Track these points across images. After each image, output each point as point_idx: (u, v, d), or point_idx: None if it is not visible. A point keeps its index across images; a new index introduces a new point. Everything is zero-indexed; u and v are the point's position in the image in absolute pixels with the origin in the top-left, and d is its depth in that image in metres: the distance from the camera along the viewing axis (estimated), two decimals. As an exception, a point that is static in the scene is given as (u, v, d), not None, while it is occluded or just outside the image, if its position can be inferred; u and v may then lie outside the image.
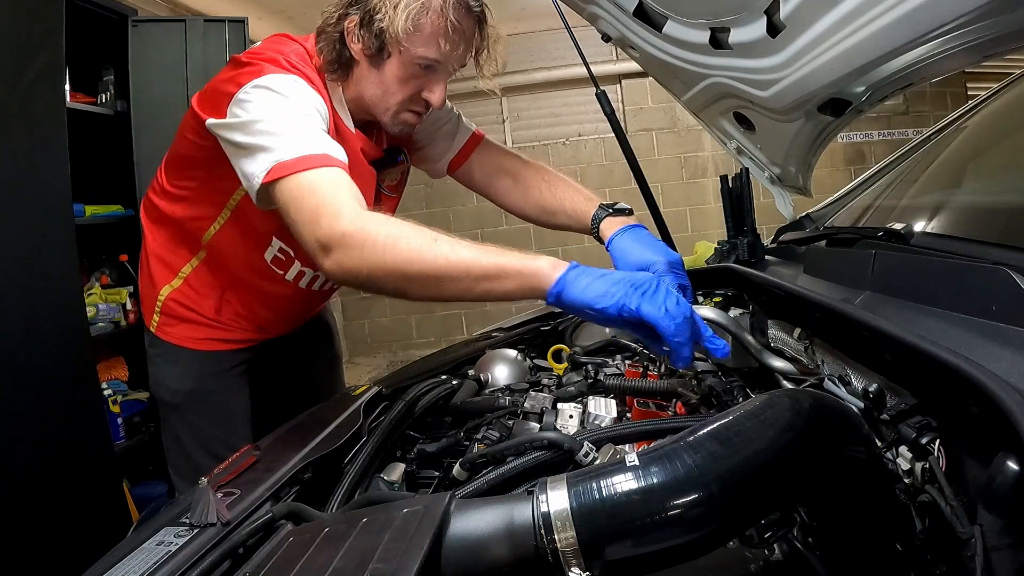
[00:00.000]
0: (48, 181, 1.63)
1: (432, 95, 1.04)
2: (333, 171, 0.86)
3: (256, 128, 0.88)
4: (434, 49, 0.97)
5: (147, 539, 0.59)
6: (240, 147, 0.90)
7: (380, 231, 0.80)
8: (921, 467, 0.54)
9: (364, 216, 0.82)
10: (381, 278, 0.81)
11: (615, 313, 0.74)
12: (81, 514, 1.64)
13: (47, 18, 1.61)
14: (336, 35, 1.00)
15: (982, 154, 1.15)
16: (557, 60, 4.92)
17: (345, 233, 0.81)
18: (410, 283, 0.81)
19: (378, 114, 1.06)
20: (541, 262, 0.79)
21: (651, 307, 0.73)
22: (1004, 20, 0.66)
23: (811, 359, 0.87)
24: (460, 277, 0.79)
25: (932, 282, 0.68)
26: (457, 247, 0.80)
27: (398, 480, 0.79)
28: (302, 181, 0.84)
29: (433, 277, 0.80)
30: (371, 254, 0.80)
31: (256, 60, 0.97)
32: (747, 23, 0.93)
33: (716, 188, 1.36)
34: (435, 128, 1.26)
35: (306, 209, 0.83)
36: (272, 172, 0.85)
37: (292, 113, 0.90)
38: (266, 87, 0.92)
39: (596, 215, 1.12)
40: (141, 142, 2.43)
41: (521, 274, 0.79)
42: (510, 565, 0.48)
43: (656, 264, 0.97)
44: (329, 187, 0.84)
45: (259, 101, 0.90)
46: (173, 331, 1.22)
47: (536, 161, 1.28)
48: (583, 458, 0.69)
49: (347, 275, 0.83)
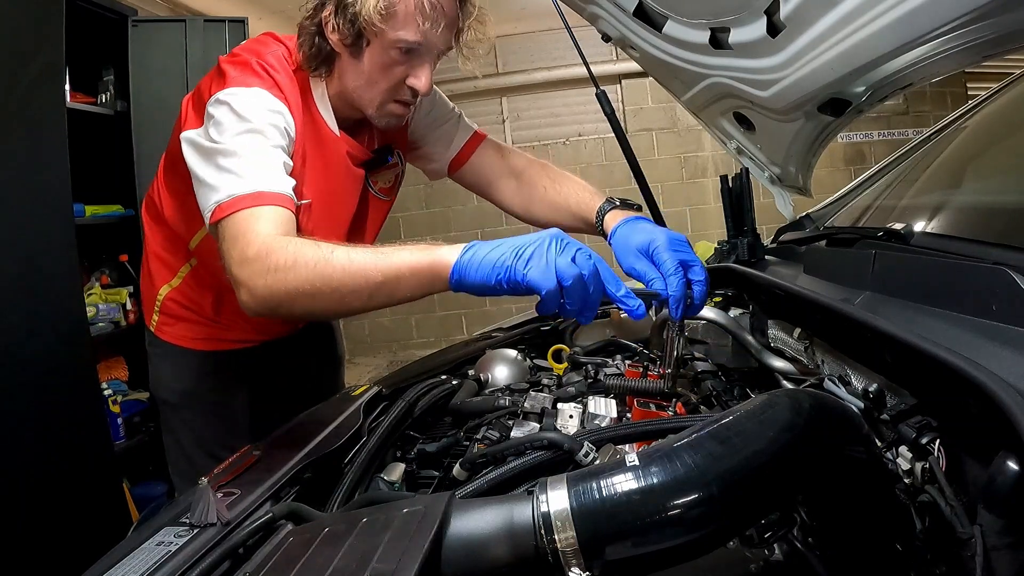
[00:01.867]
0: (48, 181, 1.63)
1: (417, 81, 0.99)
2: (260, 209, 0.85)
3: (210, 158, 0.89)
4: (412, 31, 0.93)
5: (147, 539, 0.59)
6: (196, 177, 0.91)
7: (280, 256, 0.79)
8: (921, 467, 0.54)
9: (268, 243, 0.81)
10: (289, 302, 0.80)
11: (507, 287, 0.71)
12: (81, 514, 1.64)
13: (47, 18, 1.61)
14: (314, 28, 0.98)
15: (982, 154, 1.15)
16: (557, 60, 4.92)
17: (250, 263, 0.80)
18: (314, 301, 0.79)
19: (363, 107, 1.03)
20: (438, 252, 0.76)
21: (536, 274, 0.70)
22: (1004, 20, 0.66)
23: (811, 359, 0.87)
24: (359, 287, 0.77)
25: (932, 282, 0.68)
26: (353, 254, 0.78)
27: (398, 480, 0.79)
28: (229, 222, 0.85)
29: (334, 290, 0.77)
30: (273, 279, 0.79)
31: (231, 64, 0.96)
32: (747, 23, 0.93)
33: (716, 188, 1.36)
34: (435, 127, 1.23)
35: (226, 247, 0.85)
36: (214, 214, 0.86)
37: (243, 143, 0.89)
38: (227, 104, 0.91)
39: (601, 208, 1.08)
40: (141, 142, 2.43)
41: (416, 271, 0.76)
42: (510, 565, 0.48)
43: (655, 242, 0.90)
44: (250, 223, 0.84)
45: (217, 123, 0.90)
46: (172, 330, 1.22)
47: (540, 160, 1.25)
48: (583, 458, 0.69)
49: (260, 306, 0.81)
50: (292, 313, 0.82)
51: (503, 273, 0.72)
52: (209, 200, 0.88)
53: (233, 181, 0.87)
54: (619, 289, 0.75)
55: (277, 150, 0.92)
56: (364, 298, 0.77)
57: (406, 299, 0.79)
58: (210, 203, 0.87)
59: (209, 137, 0.90)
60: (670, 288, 0.84)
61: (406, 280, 0.76)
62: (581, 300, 0.71)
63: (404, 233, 5.12)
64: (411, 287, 0.77)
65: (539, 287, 0.70)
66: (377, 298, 0.78)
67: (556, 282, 0.70)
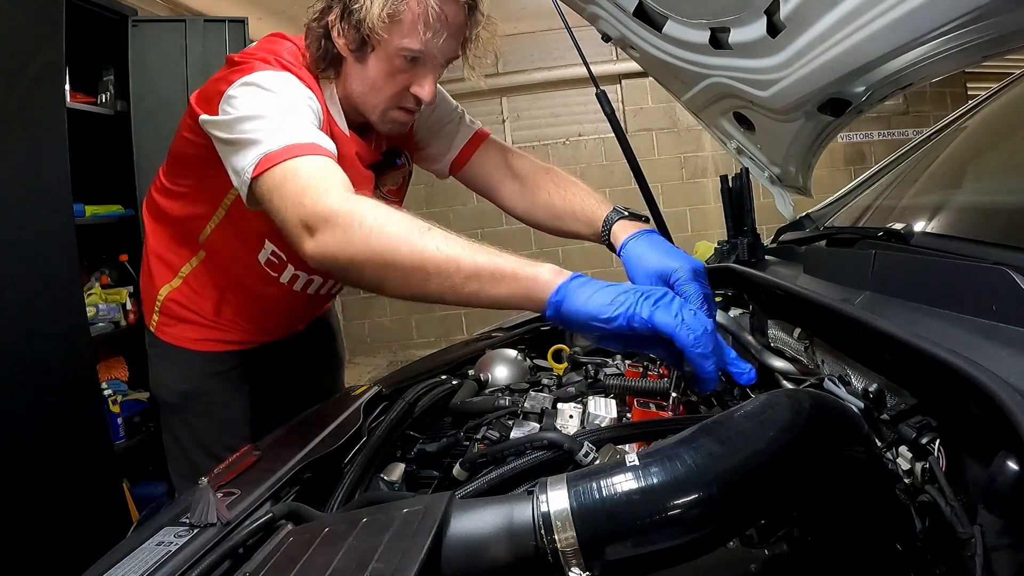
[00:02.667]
0: (48, 181, 1.63)
1: (421, 90, 0.99)
2: (320, 159, 0.83)
3: (242, 125, 0.86)
4: (416, 39, 0.93)
5: (147, 539, 0.59)
6: (228, 144, 0.88)
7: (368, 214, 0.75)
8: (921, 467, 0.54)
9: (353, 197, 0.78)
10: (363, 264, 0.75)
11: (624, 323, 0.66)
12: (81, 514, 1.64)
13: (47, 18, 1.61)
14: (321, 30, 0.98)
15: (982, 154, 1.15)
16: (557, 60, 4.92)
17: (331, 212, 0.76)
18: (393, 272, 0.74)
19: (367, 112, 1.03)
20: (541, 269, 0.72)
21: (665, 316, 0.66)
22: (1004, 20, 0.66)
23: (811, 359, 0.87)
24: (448, 272, 0.72)
25: (932, 282, 0.68)
26: (450, 240, 0.73)
27: (398, 480, 0.79)
28: (287, 168, 0.81)
29: (418, 268, 0.72)
30: (356, 236, 0.74)
31: (248, 59, 0.96)
32: (747, 23, 0.93)
33: (716, 188, 1.36)
34: (438, 127, 1.23)
35: (290, 192, 0.79)
36: (260, 164, 0.82)
37: (279, 106, 0.88)
38: (254, 83, 0.90)
39: (608, 218, 1.05)
40: (141, 142, 2.43)
41: (517, 278, 0.71)
42: (510, 565, 0.48)
43: (678, 272, 0.87)
44: (316, 170, 0.81)
45: (246, 97, 0.89)
46: (172, 331, 1.22)
47: (545, 163, 1.23)
48: (583, 458, 0.69)
49: (327, 258, 0.77)
50: (361, 277, 0.77)
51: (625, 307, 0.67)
52: (250, 154, 0.83)
53: (280, 132, 0.83)
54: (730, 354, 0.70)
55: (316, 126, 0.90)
56: (446, 286, 0.72)
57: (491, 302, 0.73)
58: (251, 156, 0.82)
59: (237, 111, 0.88)
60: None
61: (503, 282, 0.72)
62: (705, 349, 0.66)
63: (404, 233, 5.12)
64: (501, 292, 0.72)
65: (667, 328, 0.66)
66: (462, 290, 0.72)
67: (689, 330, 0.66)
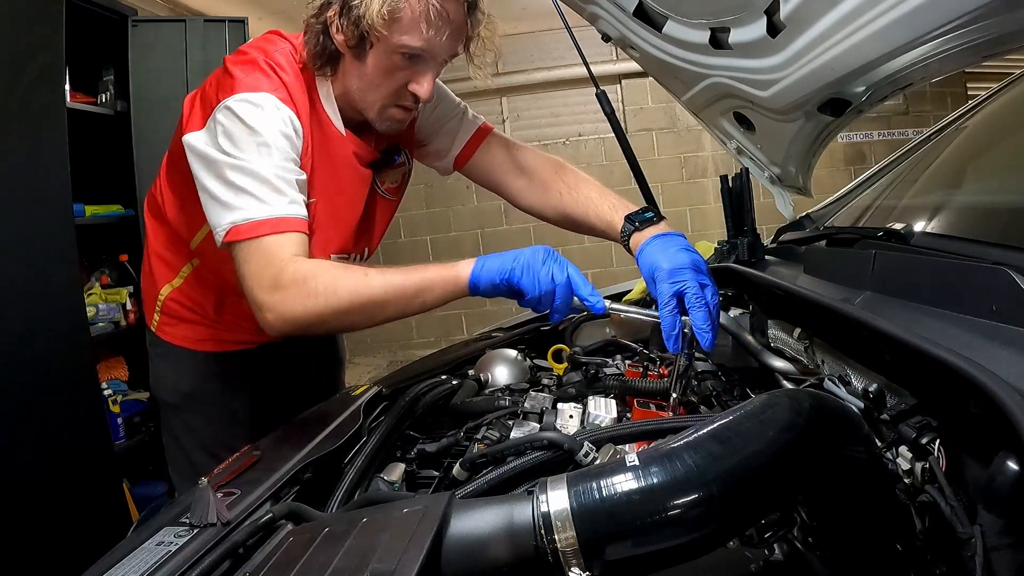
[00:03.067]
0: (48, 181, 1.63)
1: (419, 87, 0.98)
2: (280, 237, 0.90)
3: (220, 173, 0.90)
4: (415, 37, 0.92)
5: (147, 539, 0.59)
6: (203, 188, 0.92)
7: (320, 281, 0.87)
8: (921, 467, 0.54)
9: (302, 269, 0.88)
10: (325, 321, 0.89)
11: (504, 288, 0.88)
12: (81, 514, 1.64)
13: (47, 18, 1.61)
14: (319, 27, 0.97)
15: (982, 154, 1.15)
16: (557, 60, 4.92)
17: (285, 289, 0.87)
18: (354, 317, 0.90)
19: (365, 110, 1.03)
20: (458, 266, 0.90)
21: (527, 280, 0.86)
22: (1004, 20, 0.66)
23: (811, 359, 0.87)
24: (397, 298, 0.89)
25: (932, 282, 0.68)
26: (387, 275, 0.89)
27: (398, 480, 0.79)
28: (251, 247, 0.89)
29: (376, 304, 0.89)
30: (313, 304, 0.87)
31: (237, 65, 0.96)
32: (747, 23, 0.93)
33: (716, 188, 1.36)
34: (440, 124, 1.22)
35: (250, 273, 0.89)
36: (229, 234, 0.89)
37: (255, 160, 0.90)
38: (236, 114, 0.91)
39: (624, 230, 1.05)
40: (141, 142, 2.43)
41: (444, 280, 0.90)
42: (510, 565, 0.48)
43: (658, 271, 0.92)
44: (276, 249, 0.89)
45: (227, 134, 0.90)
46: (173, 331, 1.21)
47: (553, 156, 1.23)
48: (583, 458, 0.69)
49: (292, 328, 0.90)
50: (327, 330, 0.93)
51: (505, 276, 0.88)
52: (223, 219, 0.90)
53: (249, 203, 0.89)
54: (585, 290, 0.88)
55: (289, 163, 0.93)
56: (399, 308, 0.90)
57: (432, 305, 0.92)
58: (224, 222, 0.89)
59: (218, 147, 0.90)
60: (663, 324, 0.88)
61: (435, 289, 0.90)
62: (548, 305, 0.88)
63: (404, 233, 5.12)
64: (438, 295, 0.91)
65: (526, 290, 0.87)
66: (410, 307, 0.90)
67: (538, 289, 0.86)
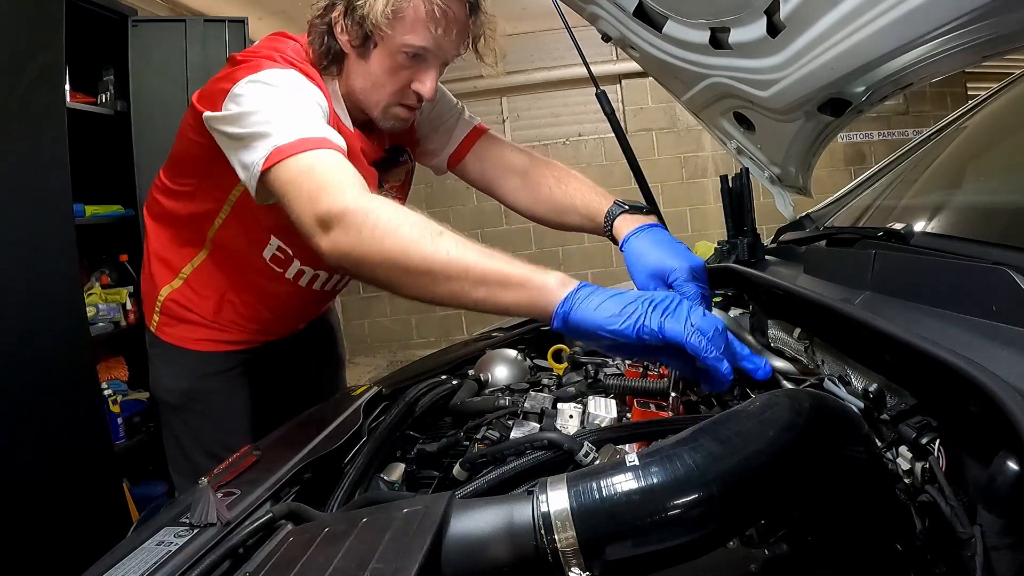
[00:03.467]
0: (48, 181, 1.63)
1: (422, 86, 1.00)
2: (333, 153, 0.83)
3: (251, 119, 0.86)
4: (419, 36, 0.94)
5: (147, 539, 0.59)
6: (236, 139, 0.88)
7: (383, 214, 0.76)
8: (921, 467, 0.54)
9: (367, 196, 0.79)
10: (376, 264, 0.76)
11: (633, 335, 0.66)
12: (81, 514, 1.64)
13: (47, 18, 1.61)
14: (324, 27, 0.98)
15: (982, 154, 1.15)
16: (557, 60, 4.92)
17: (347, 210, 0.76)
18: (404, 275, 0.75)
19: (368, 109, 1.04)
20: (550, 277, 0.72)
21: (675, 325, 0.65)
22: (1004, 20, 0.66)
23: (811, 359, 0.87)
24: (457, 277, 0.73)
25: (932, 282, 0.68)
26: (461, 245, 0.74)
27: (398, 480, 0.79)
28: (301, 162, 0.81)
29: (428, 272, 0.73)
30: (369, 236, 0.75)
31: (253, 57, 0.96)
32: (747, 23, 0.93)
33: (716, 188, 1.36)
34: (437, 123, 1.23)
35: (306, 188, 0.80)
36: (271, 157, 0.82)
37: (288, 101, 0.88)
38: (261, 81, 0.90)
39: (610, 212, 1.05)
40: (141, 142, 2.43)
41: (525, 286, 0.72)
42: (510, 565, 0.48)
43: (676, 272, 0.89)
44: (330, 166, 0.81)
45: (253, 94, 0.89)
46: (172, 331, 1.22)
47: (545, 157, 1.23)
48: (583, 458, 0.69)
49: (342, 257, 0.78)
50: (373, 277, 0.77)
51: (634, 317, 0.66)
52: (259, 150, 0.82)
53: (290, 125, 0.83)
54: (742, 350, 0.69)
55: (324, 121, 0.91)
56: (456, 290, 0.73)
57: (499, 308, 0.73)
58: (261, 150, 0.82)
59: (243, 107, 0.88)
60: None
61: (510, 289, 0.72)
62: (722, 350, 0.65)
63: (404, 233, 5.11)
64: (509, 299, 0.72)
65: (676, 336, 0.65)
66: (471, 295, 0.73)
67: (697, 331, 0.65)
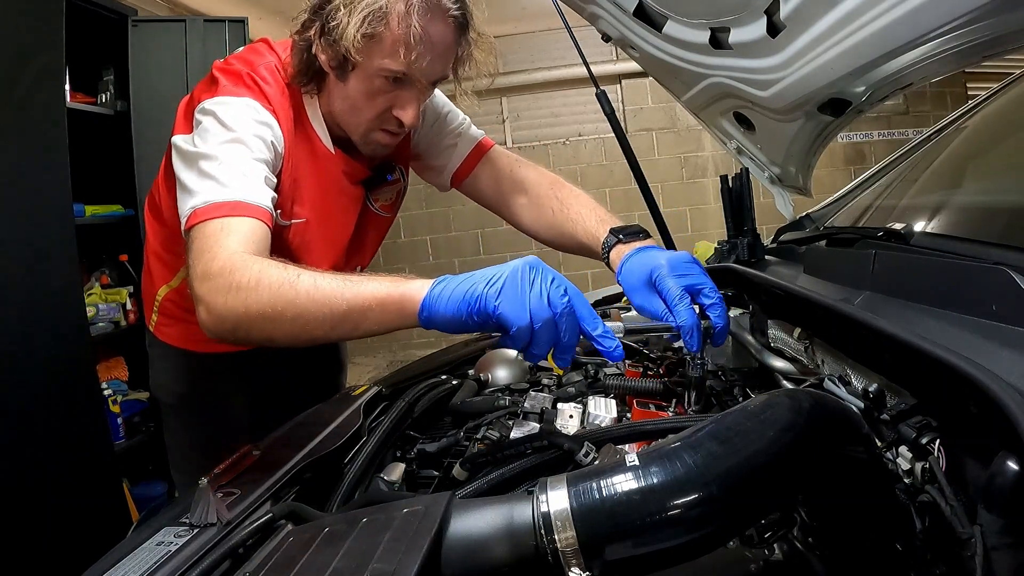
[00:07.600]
0: (48, 181, 1.63)
1: (404, 113, 0.93)
2: (235, 221, 0.81)
3: (192, 163, 0.87)
4: (395, 60, 0.87)
5: (147, 539, 0.59)
6: (178, 179, 0.88)
7: (243, 274, 0.74)
8: (921, 467, 0.54)
9: (233, 259, 0.77)
10: (247, 325, 0.75)
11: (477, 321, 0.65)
12: (81, 514, 1.64)
13: (47, 18, 1.61)
14: (303, 44, 0.94)
15: (982, 154, 1.15)
16: (557, 60, 4.92)
17: (212, 279, 0.76)
18: (274, 326, 0.73)
19: (349, 132, 0.99)
20: (409, 286, 0.70)
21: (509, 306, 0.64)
22: (1004, 20, 0.66)
23: (811, 359, 0.87)
24: (323, 316, 0.71)
25: (932, 282, 0.68)
26: (320, 280, 0.72)
27: (398, 480, 0.79)
28: (199, 231, 0.81)
29: (296, 316, 0.72)
30: (234, 299, 0.74)
31: (223, 73, 0.94)
32: (747, 23, 0.93)
33: (716, 188, 1.36)
34: (438, 139, 1.18)
35: (191, 259, 0.80)
36: (189, 219, 0.83)
37: (225, 151, 0.87)
38: (214, 113, 0.89)
39: (606, 242, 1.00)
40: (141, 142, 2.43)
41: (384, 305, 0.70)
42: (510, 565, 0.48)
43: (657, 269, 0.86)
44: (219, 236, 0.80)
45: (203, 131, 0.89)
46: (171, 331, 1.21)
47: (552, 174, 1.17)
48: (583, 458, 0.69)
49: (217, 326, 0.77)
50: (250, 337, 0.76)
51: (474, 304, 0.65)
52: (186, 204, 0.84)
53: (212, 187, 0.84)
54: (596, 328, 0.68)
55: (260, 164, 0.89)
56: (327, 328, 0.72)
57: (371, 333, 0.73)
58: (187, 207, 0.84)
59: (194, 143, 0.89)
60: (678, 319, 0.78)
61: (373, 313, 0.70)
62: (547, 344, 0.65)
63: (404, 233, 5.12)
64: (377, 321, 0.71)
65: (510, 322, 0.64)
66: (340, 329, 0.72)
67: (529, 320, 0.64)
